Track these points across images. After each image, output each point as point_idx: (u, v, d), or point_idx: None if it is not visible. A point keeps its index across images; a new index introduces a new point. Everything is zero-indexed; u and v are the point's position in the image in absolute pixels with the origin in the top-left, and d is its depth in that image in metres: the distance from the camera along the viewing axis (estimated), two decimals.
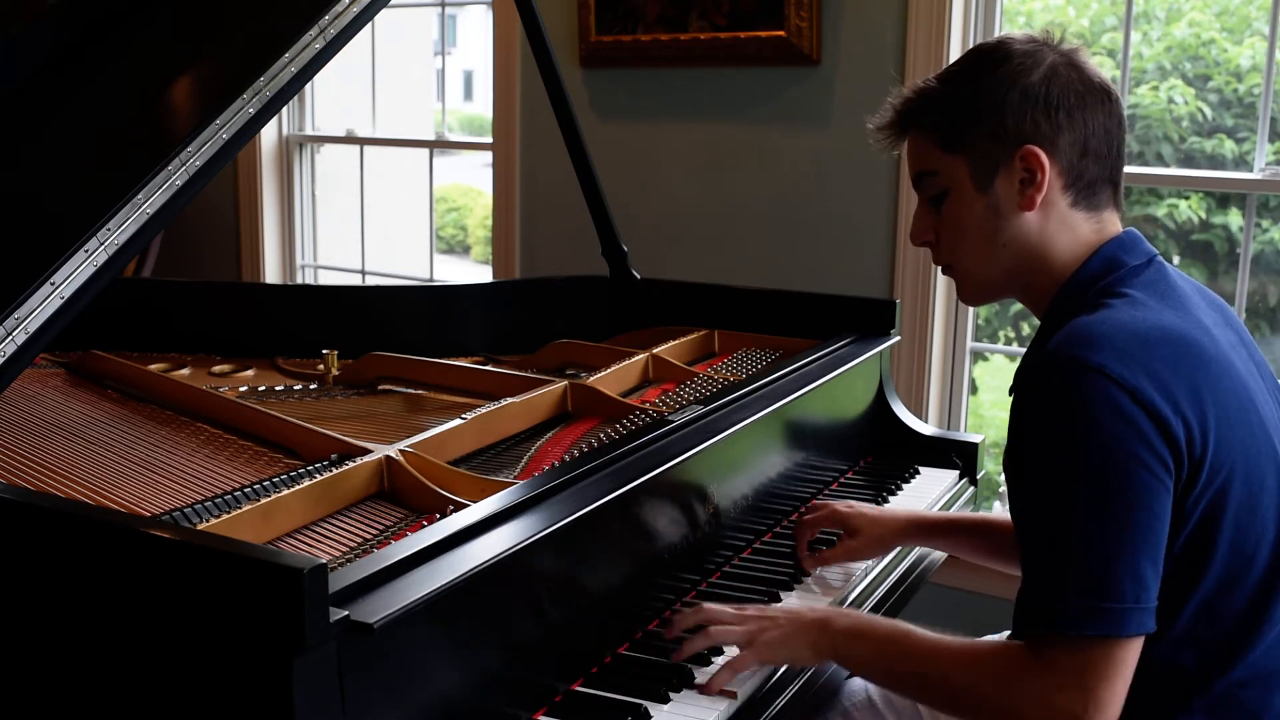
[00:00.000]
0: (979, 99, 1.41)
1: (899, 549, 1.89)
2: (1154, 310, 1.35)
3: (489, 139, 3.83)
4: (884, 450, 2.29)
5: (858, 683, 1.76)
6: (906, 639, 1.42)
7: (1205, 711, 1.35)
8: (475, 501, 1.40)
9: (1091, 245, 1.43)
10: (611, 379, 2.08)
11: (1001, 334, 4.93)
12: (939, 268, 1.53)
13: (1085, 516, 1.26)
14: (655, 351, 2.23)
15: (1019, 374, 1.39)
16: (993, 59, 1.43)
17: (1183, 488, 1.28)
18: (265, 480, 1.59)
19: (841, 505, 1.84)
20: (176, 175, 1.49)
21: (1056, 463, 1.28)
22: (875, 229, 3.14)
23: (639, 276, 2.54)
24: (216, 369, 2.38)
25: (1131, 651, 1.28)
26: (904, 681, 1.44)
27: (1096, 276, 1.41)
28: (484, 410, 1.85)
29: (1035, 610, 1.30)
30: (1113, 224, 1.46)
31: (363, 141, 4.29)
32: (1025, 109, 1.39)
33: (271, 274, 4.44)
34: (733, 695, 1.40)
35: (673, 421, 1.70)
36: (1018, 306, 4.82)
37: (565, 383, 2.00)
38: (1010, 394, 1.41)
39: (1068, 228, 1.43)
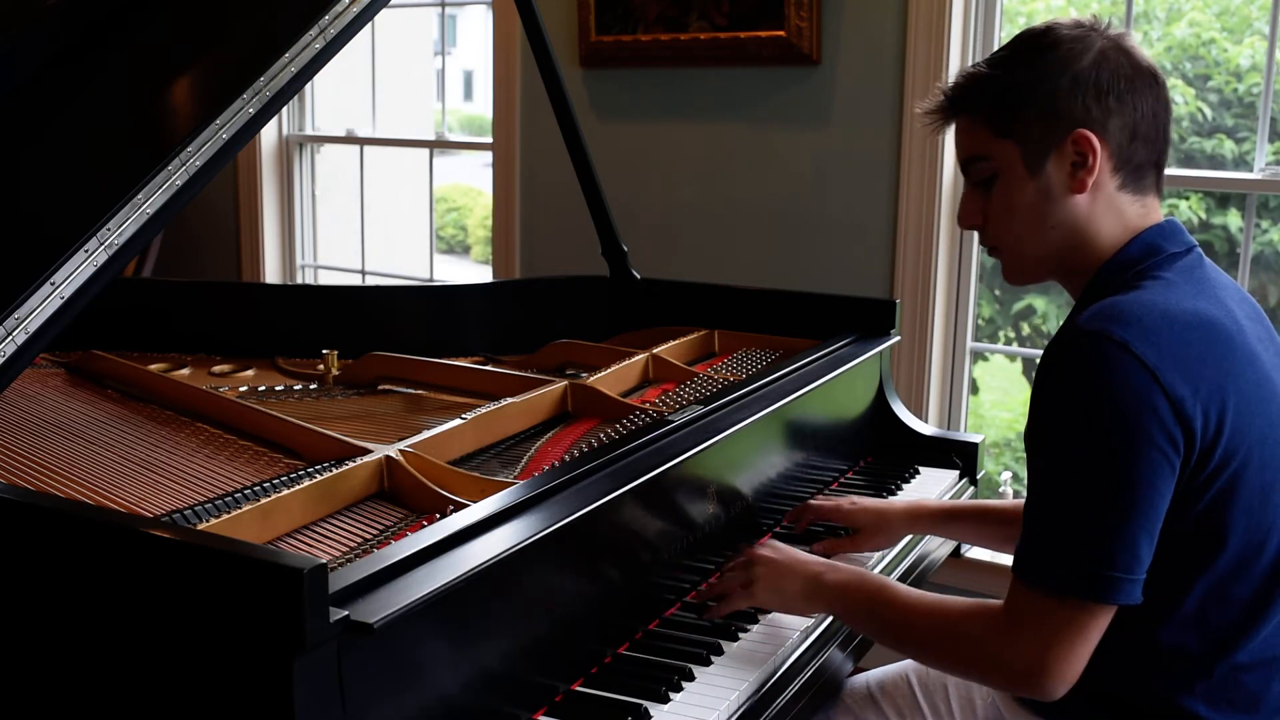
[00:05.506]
0: (1031, 83, 1.43)
1: (906, 543, 1.93)
2: (1186, 294, 1.37)
3: (489, 139, 3.83)
4: (884, 450, 2.29)
5: (859, 679, 1.78)
6: (890, 594, 1.50)
7: (1206, 694, 1.37)
8: (475, 501, 1.40)
9: (1134, 229, 1.45)
10: (611, 379, 2.08)
11: (1001, 334, 4.93)
12: (985, 249, 1.55)
13: (1091, 484, 1.29)
14: (655, 351, 2.23)
15: (1047, 347, 1.41)
16: (1041, 44, 1.44)
17: (1191, 470, 1.30)
18: (265, 480, 1.59)
19: (845, 503, 1.88)
20: (176, 175, 1.49)
21: (1071, 429, 1.31)
22: (875, 229, 3.14)
23: (639, 276, 2.54)
24: (216, 369, 2.38)
25: (1102, 621, 1.31)
26: (885, 633, 1.50)
27: (1135, 260, 1.43)
28: (484, 410, 1.85)
29: (1028, 565, 1.33)
30: (1155, 210, 1.48)
31: (363, 141, 4.30)
32: (1076, 93, 1.41)
33: (271, 274, 4.44)
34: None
35: (673, 421, 1.70)
36: (1019, 305, 4.82)
37: (565, 383, 2.00)
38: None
39: (1115, 210, 1.44)
